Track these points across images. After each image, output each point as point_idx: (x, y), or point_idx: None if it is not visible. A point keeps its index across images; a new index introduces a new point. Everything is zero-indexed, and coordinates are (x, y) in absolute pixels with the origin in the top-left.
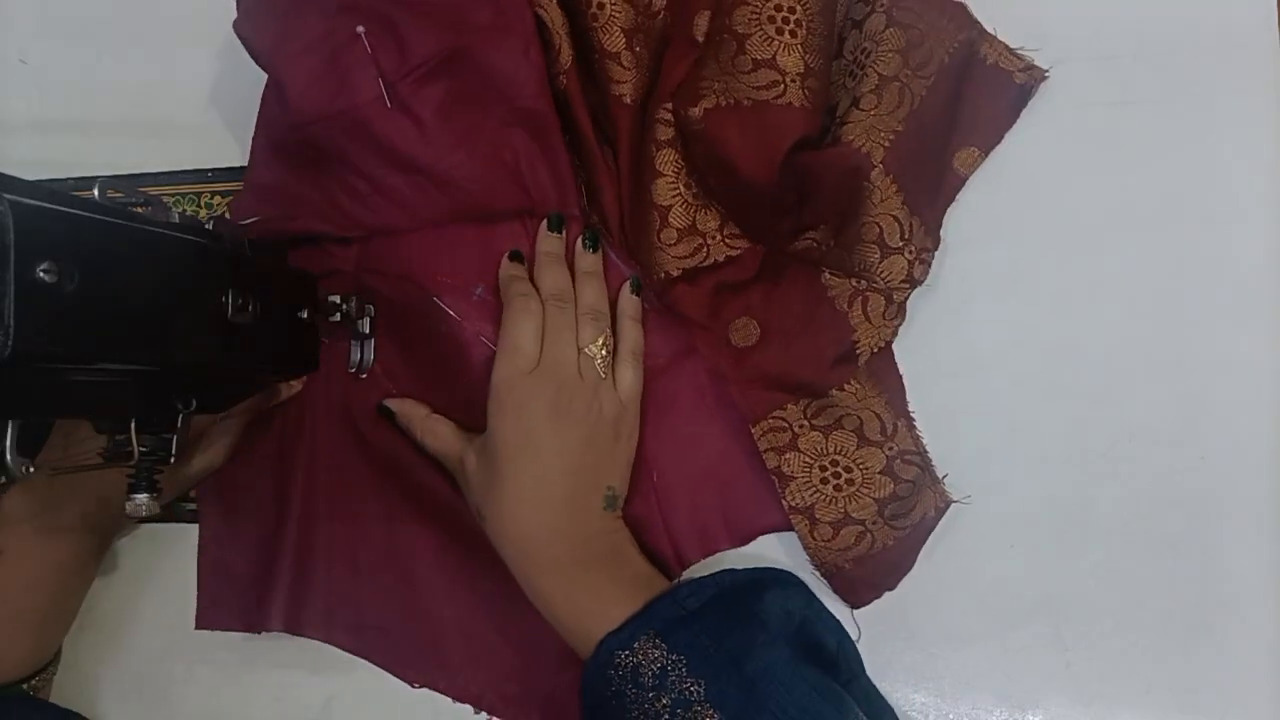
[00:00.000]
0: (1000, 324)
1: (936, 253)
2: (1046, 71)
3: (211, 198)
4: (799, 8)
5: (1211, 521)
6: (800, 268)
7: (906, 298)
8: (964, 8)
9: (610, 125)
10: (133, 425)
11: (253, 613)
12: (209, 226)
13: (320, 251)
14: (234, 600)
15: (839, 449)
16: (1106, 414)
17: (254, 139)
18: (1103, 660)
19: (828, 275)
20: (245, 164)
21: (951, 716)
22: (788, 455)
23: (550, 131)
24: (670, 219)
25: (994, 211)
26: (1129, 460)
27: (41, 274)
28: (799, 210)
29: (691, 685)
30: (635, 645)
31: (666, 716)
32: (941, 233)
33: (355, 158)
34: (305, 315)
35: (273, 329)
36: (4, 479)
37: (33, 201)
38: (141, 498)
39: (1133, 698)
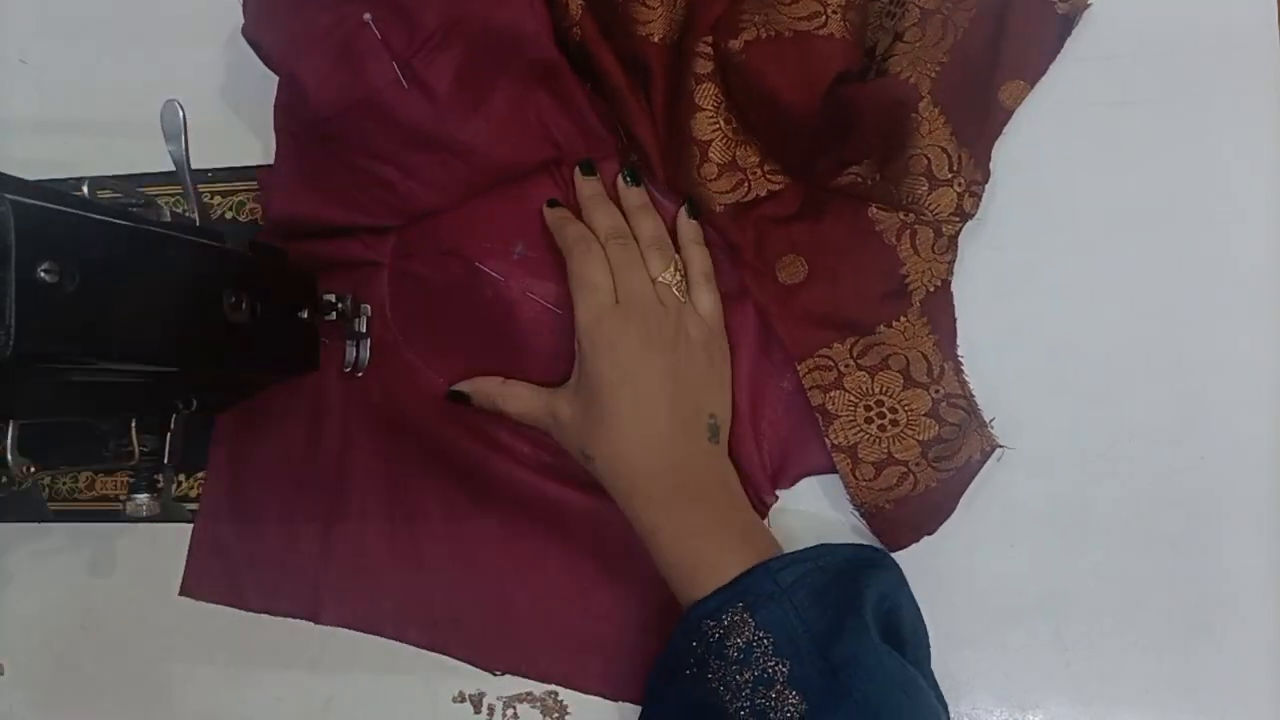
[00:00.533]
0: (1000, 323)
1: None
2: (1089, 2)
3: (211, 198)
4: None
5: (1211, 521)
6: (844, 202)
7: (958, 231)
8: None
9: (640, 66)
10: (133, 425)
11: (247, 591)
12: (209, 226)
13: (357, 243)
14: (221, 575)
15: (884, 389)
16: (1106, 414)
17: (277, 142)
18: (1103, 660)
19: (874, 210)
20: (245, 164)
21: (951, 716)
22: (833, 394)
23: (566, 79)
24: (710, 154)
25: (994, 210)
26: (1129, 460)
27: (42, 274)
28: (841, 144)
29: (776, 665)
30: (723, 617)
31: (747, 692)
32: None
33: (381, 145)
34: (305, 315)
35: (273, 329)
36: (4, 479)
37: (33, 202)
38: (141, 498)
39: (1133, 698)
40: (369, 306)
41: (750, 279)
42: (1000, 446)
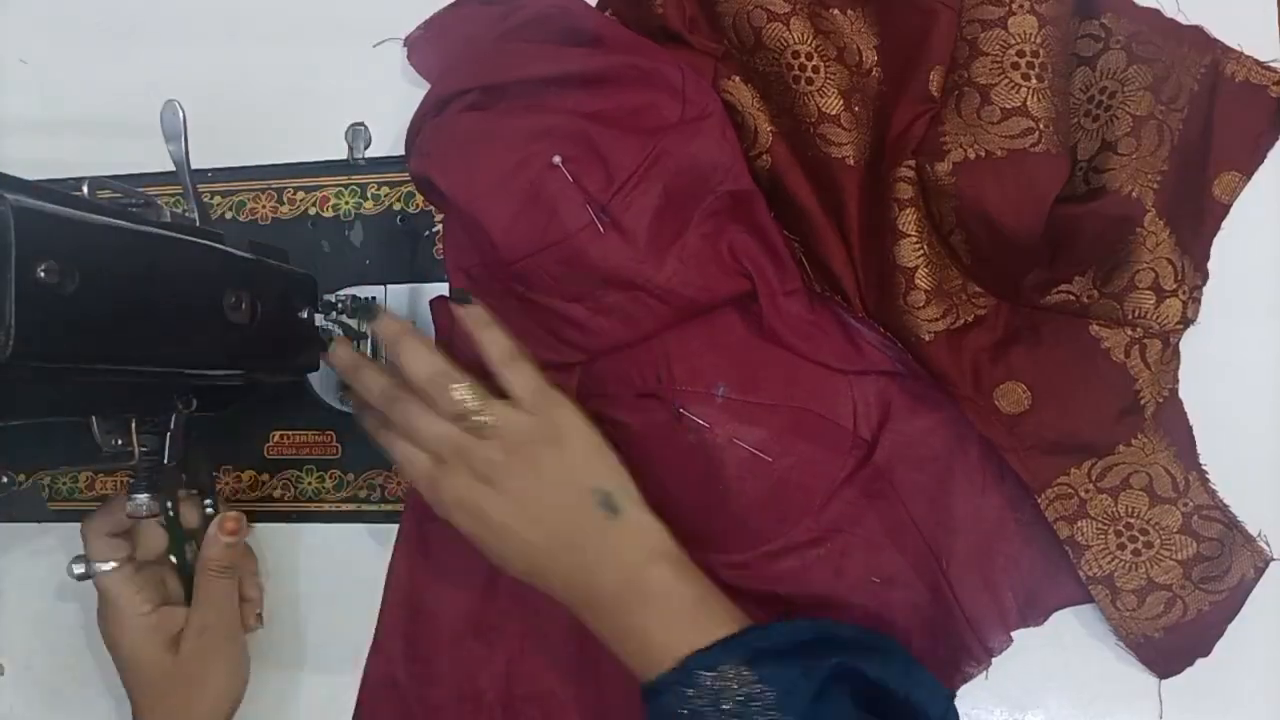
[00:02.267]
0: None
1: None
2: None
3: (211, 198)
4: (1042, 51)
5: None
6: (1060, 323)
7: (1180, 339)
8: (1201, 30)
9: (833, 190)
10: (133, 425)
11: None
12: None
13: None
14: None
15: (1130, 510)
16: None
17: (450, 279)
18: (1102, 660)
19: (1095, 327)
20: (245, 164)
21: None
22: (1080, 523)
23: (759, 210)
24: (917, 280)
25: None
26: None
27: (42, 274)
28: (1051, 262)
29: (778, 718)
30: (721, 668)
31: None
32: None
33: (572, 284)
34: (305, 315)
35: (273, 329)
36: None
37: (33, 202)
38: (141, 498)
39: (1133, 698)
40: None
41: (971, 412)
42: (1275, 560)
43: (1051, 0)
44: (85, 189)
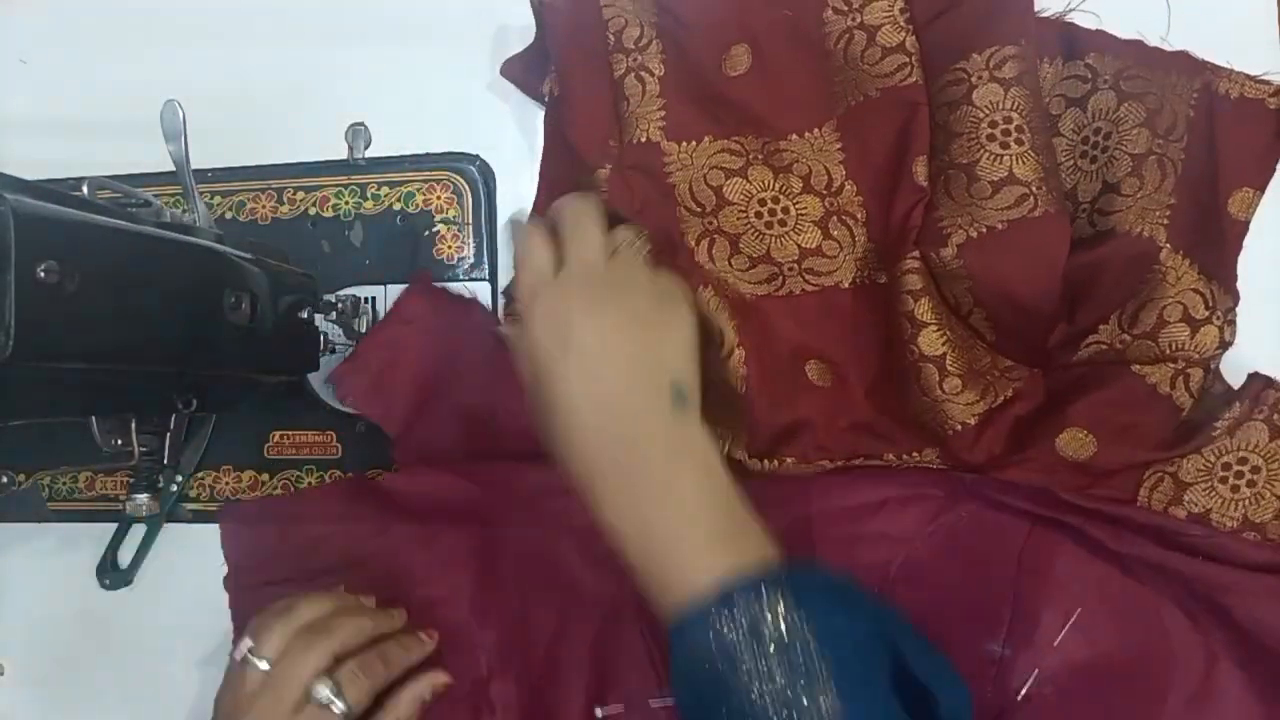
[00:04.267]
0: None
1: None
2: None
3: (211, 198)
4: (1015, 115)
5: None
6: (1102, 370)
7: (1219, 361)
8: (1188, 55)
9: (832, 320)
10: (133, 425)
11: None
12: (209, 226)
13: None
14: None
15: (1221, 451)
16: None
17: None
18: None
19: (1137, 367)
20: (244, 164)
21: None
22: (1185, 495)
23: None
24: (949, 367)
25: None
26: None
27: (42, 274)
28: (1072, 314)
29: (816, 657)
30: (762, 597)
31: (784, 683)
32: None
33: None
34: (305, 315)
35: (273, 329)
36: (4, 480)
37: (34, 202)
38: (141, 498)
39: None
40: (368, 305)
41: (1031, 473)
42: None
43: (1011, 61)
44: (85, 189)
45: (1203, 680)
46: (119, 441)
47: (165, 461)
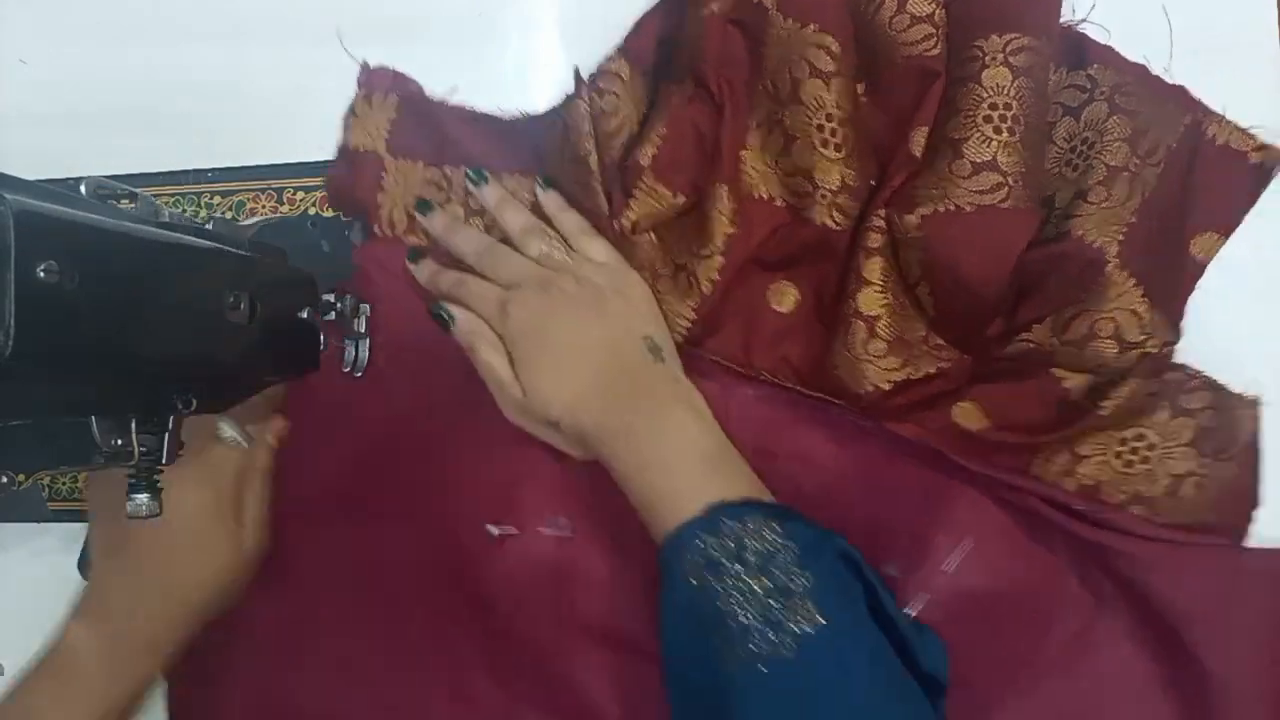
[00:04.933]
0: None
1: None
2: None
3: (211, 198)
4: (1015, 104)
5: None
6: (1022, 365)
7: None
8: (1185, 90)
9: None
10: (133, 425)
11: None
12: (208, 226)
13: None
14: None
15: (1118, 425)
16: None
17: None
18: None
19: (1058, 371)
20: (244, 164)
21: None
22: (1078, 468)
23: None
24: (878, 329)
25: None
26: None
27: (42, 274)
28: (1014, 310)
29: (798, 576)
30: (746, 520)
31: (760, 601)
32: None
33: None
34: (305, 315)
35: (273, 329)
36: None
37: (33, 201)
38: (141, 498)
39: None
40: (369, 306)
41: (926, 433)
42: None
43: (1026, 52)
44: (83, 188)
45: (1086, 626)
46: (119, 441)
47: (165, 461)
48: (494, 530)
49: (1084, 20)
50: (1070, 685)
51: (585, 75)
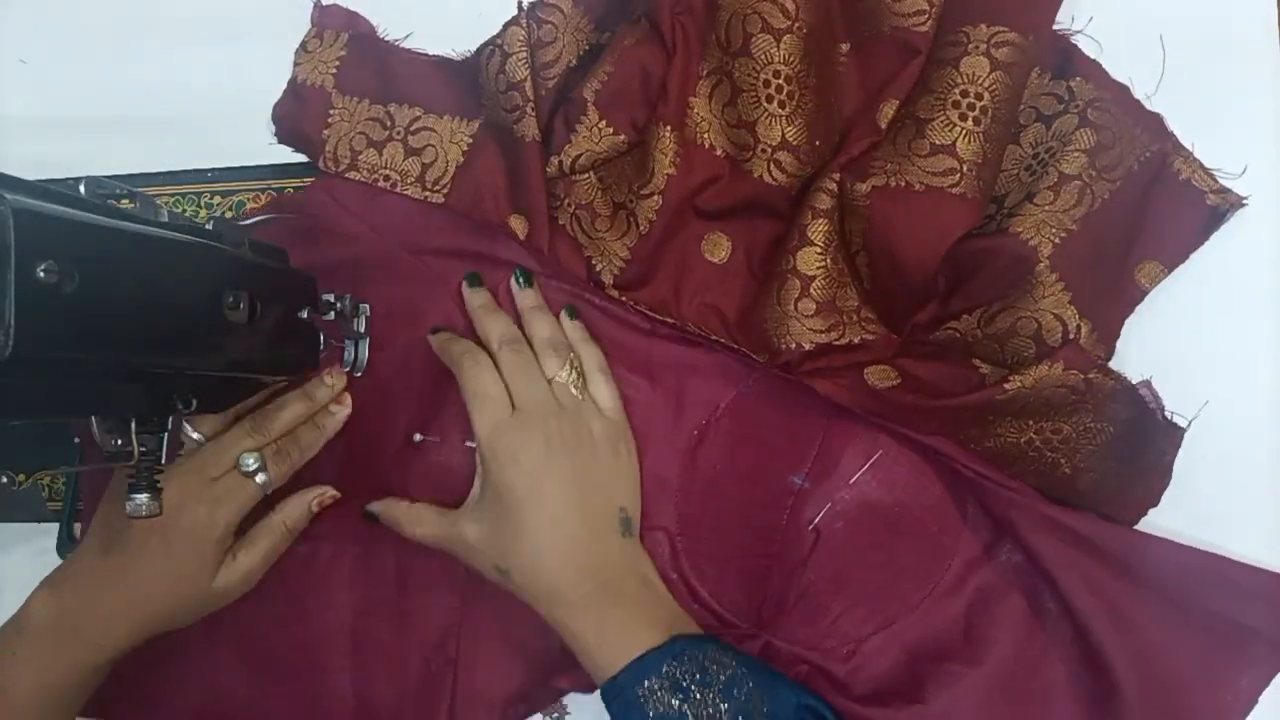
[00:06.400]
0: None
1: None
2: (1245, 199)
3: (211, 198)
4: (986, 94)
5: (1212, 521)
6: (946, 354)
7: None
8: (1160, 119)
9: (759, 211)
10: (133, 425)
11: None
12: (208, 226)
13: None
14: None
15: (1040, 417)
16: None
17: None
18: None
19: (977, 361)
20: (245, 164)
21: None
22: (985, 441)
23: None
24: (812, 290)
25: None
26: None
27: (42, 274)
28: (946, 297)
29: (759, 698)
30: (707, 649)
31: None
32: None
33: None
34: (305, 315)
35: (273, 329)
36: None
37: (33, 201)
38: (141, 498)
39: None
40: (368, 306)
41: (834, 390)
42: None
43: (1010, 47)
44: (82, 188)
45: (983, 555)
46: (119, 441)
47: (165, 461)
48: (417, 437)
49: (1079, 31)
50: (960, 610)
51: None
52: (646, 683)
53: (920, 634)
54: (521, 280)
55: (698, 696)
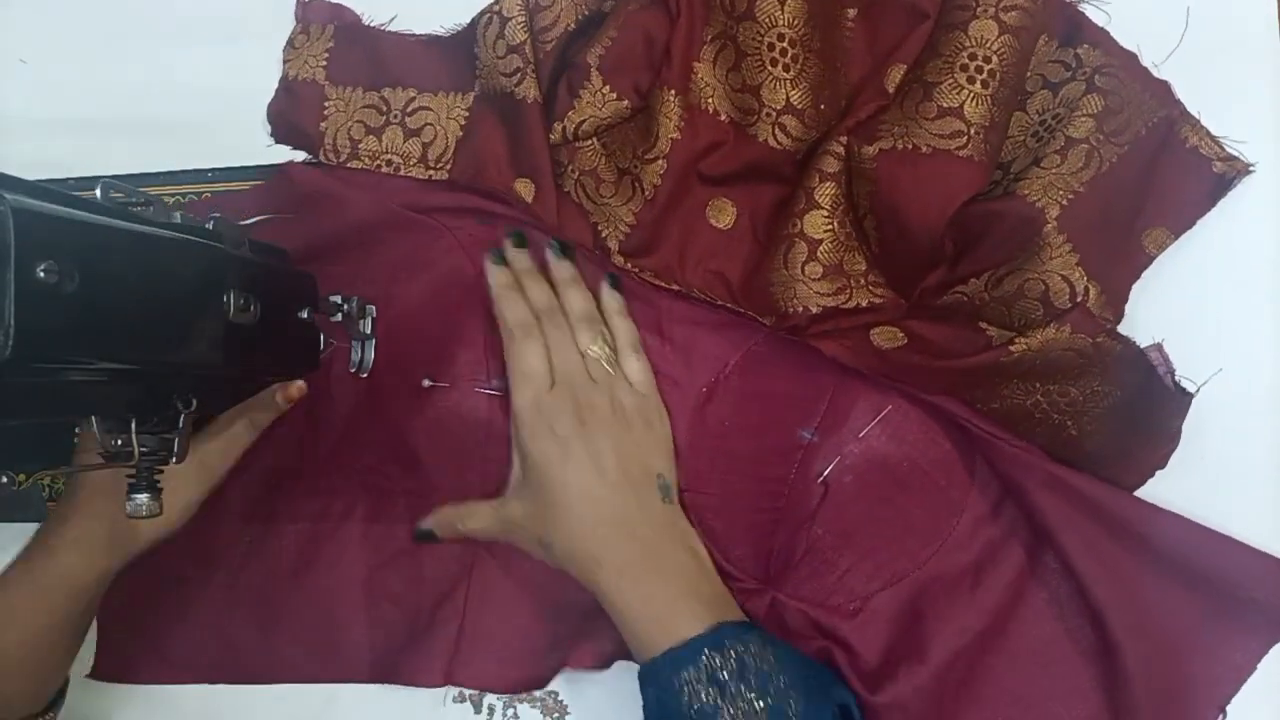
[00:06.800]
0: None
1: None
2: (1251, 166)
3: (212, 198)
4: (994, 58)
5: (1211, 522)
6: (953, 317)
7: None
8: (1167, 86)
9: (762, 175)
10: (133, 425)
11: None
12: (209, 226)
13: None
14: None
15: (1048, 380)
16: None
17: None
18: None
19: (984, 324)
20: (245, 164)
21: None
22: (991, 403)
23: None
24: (819, 253)
25: None
26: None
27: (42, 274)
28: (954, 262)
29: (792, 697)
30: (749, 641)
31: (760, 706)
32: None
33: None
34: (306, 315)
35: (273, 329)
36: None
37: (33, 202)
38: (141, 498)
39: None
40: (374, 308)
41: (839, 351)
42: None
43: (1019, 11)
44: (98, 191)
45: (990, 513)
46: (119, 441)
47: (177, 460)
48: (426, 382)
49: (1087, 1)
50: (967, 567)
51: None
52: (685, 673)
53: (927, 591)
54: (559, 251)
55: (733, 690)
